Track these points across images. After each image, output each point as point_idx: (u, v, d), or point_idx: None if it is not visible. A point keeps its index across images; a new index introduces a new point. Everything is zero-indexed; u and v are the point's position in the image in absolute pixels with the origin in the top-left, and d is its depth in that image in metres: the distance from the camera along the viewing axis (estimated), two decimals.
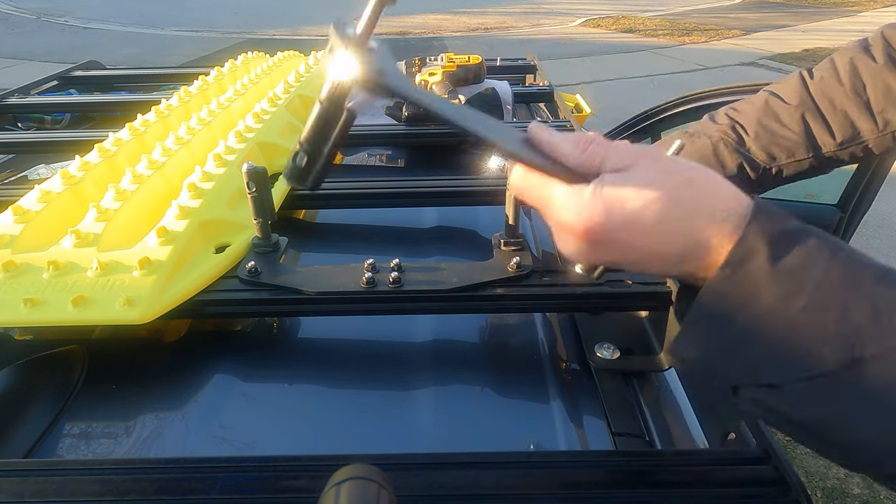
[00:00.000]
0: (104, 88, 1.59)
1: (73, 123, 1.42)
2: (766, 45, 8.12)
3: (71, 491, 0.43)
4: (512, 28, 9.59)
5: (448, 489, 0.43)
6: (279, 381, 0.64)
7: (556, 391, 0.61)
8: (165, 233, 0.65)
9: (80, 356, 0.64)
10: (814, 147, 0.78)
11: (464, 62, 1.29)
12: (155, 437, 0.55)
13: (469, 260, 0.78)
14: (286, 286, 0.63)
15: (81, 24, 9.62)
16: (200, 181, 0.74)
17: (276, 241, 0.69)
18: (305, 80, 1.19)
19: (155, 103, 1.04)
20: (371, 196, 0.88)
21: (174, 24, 9.62)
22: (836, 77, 0.77)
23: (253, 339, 0.69)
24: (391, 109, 1.17)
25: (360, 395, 0.62)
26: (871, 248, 3.28)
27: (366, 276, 0.63)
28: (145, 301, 0.58)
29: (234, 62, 1.36)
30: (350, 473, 0.33)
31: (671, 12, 11.04)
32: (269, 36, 8.68)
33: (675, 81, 6.51)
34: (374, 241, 0.90)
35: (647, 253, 0.40)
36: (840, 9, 10.94)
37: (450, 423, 0.58)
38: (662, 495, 0.44)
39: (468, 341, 0.69)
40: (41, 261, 0.62)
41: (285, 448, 0.55)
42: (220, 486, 0.44)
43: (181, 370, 0.64)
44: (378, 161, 1.17)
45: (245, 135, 0.89)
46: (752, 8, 11.33)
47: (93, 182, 0.78)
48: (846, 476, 1.88)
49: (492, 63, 1.53)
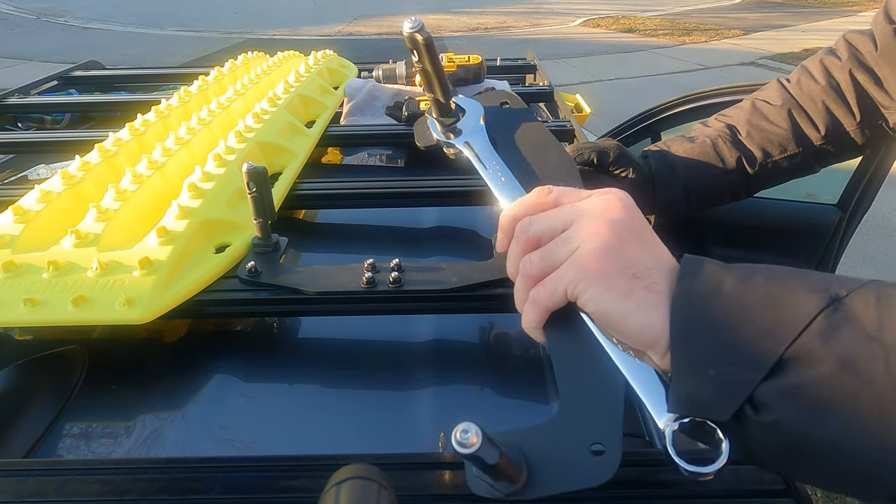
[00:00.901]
0: (104, 88, 1.59)
1: (73, 123, 1.42)
2: (766, 45, 8.12)
3: (71, 491, 0.43)
4: (511, 28, 9.59)
5: (448, 489, 0.43)
6: (279, 381, 0.64)
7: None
8: (165, 233, 0.65)
9: (80, 356, 0.64)
10: (803, 141, 0.82)
11: (464, 62, 1.29)
12: (155, 437, 0.55)
13: (469, 260, 0.78)
14: (286, 286, 0.63)
15: (81, 24, 9.62)
16: (200, 181, 0.74)
17: (276, 241, 0.69)
18: (305, 80, 1.19)
19: (155, 103, 1.04)
20: (371, 196, 0.88)
21: (174, 24, 9.62)
22: (811, 77, 0.83)
23: (253, 339, 0.69)
24: (391, 109, 1.17)
25: (360, 395, 0.62)
26: (871, 248, 3.27)
27: (366, 275, 0.63)
28: (145, 301, 0.58)
29: (234, 62, 1.36)
30: (350, 473, 0.33)
31: (671, 12, 11.04)
32: (269, 36, 8.68)
33: (675, 81, 6.51)
34: (374, 241, 0.90)
35: (637, 249, 0.42)
36: (840, 9, 10.94)
37: (450, 423, 0.58)
38: (662, 495, 0.44)
39: (468, 341, 0.69)
40: (41, 261, 0.62)
41: (285, 448, 0.55)
42: (220, 486, 0.44)
43: (181, 370, 0.64)
44: (378, 161, 1.17)
45: (245, 135, 0.89)
46: (752, 8, 11.34)
47: (93, 182, 0.78)
48: None
49: (492, 63, 1.53)
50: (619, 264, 0.41)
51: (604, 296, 0.41)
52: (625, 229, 0.43)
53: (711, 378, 0.36)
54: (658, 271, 0.41)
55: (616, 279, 0.41)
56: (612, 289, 0.41)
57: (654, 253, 0.43)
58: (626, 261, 0.41)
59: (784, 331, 0.35)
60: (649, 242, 0.44)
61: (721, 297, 0.38)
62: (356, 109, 1.26)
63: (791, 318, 0.35)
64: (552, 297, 0.43)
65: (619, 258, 0.41)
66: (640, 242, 0.43)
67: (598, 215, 0.43)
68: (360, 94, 1.28)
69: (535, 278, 0.45)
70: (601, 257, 0.41)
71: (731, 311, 0.37)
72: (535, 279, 0.45)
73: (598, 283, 0.41)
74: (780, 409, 0.34)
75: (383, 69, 1.33)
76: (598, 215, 0.43)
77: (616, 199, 0.45)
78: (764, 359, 0.35)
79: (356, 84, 1.31)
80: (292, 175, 0.88)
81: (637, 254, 0.42)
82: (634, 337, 0.41)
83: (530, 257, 0.45)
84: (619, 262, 0.41)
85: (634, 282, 0.40)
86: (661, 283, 0.40)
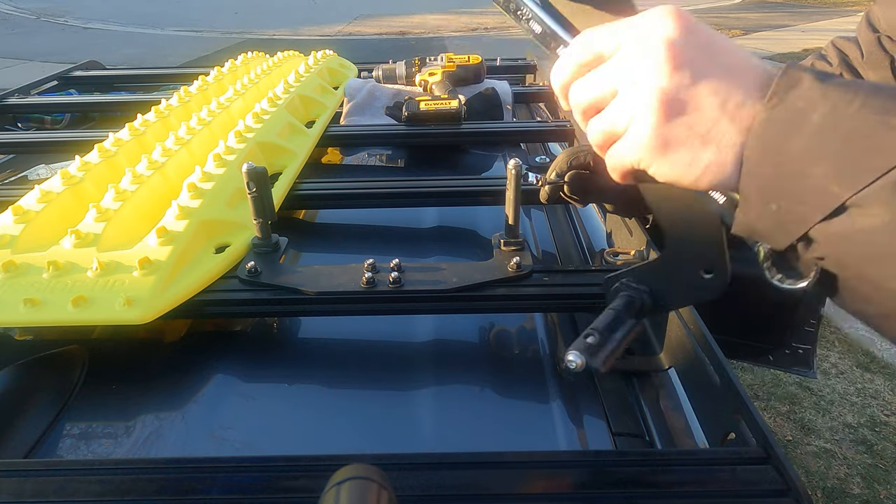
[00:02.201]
0: (104, 88, 1.59)
1: (73, 123, 1.42)
2: (766, 45, 8.11)
3: (71, 491, 0.43)
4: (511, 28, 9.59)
5: (448, 489, 0.43)
6: (279, 381, 0.64)
7: (556, 391, 0.61)
8: (165, 233, 0.65)
9: (80, 356, 0.64)
10: None
11: (464, 62, 1.29)
12: (155, 437, 0.55)
13: (469, 260, 0.78)
14: (286, 286, 0.63)
15: (81, 24, 9.62)
16: (200, 181, 0.74)
17: (276, 241, 0.69)
18: (305, 80, 1.19)
19: (155, 103, 1.04)
20: (371, 196, 0.88)
21: (174, 24, 9.62)
22: None
23: (253, 339, 0.69)
24: (391, 109, 1.17)
25: (360, 395, 0.62)
26: None
27: (366, 276, 0.63)
28: (145, 301, 0.58)
29: (234, 62, 1.36)
30: (350, 473, 0.33)
31: None
32: (269, 36, 8.68)
33: None
34: (374, 241, 0.90)
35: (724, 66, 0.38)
36: (840, 9, 10.93)
37: (450, 423, 0.58)
38: (662, 495, 0.44)
39: (468, 341, 0.69)
40: (41, 261, 0.62)
41: (285, 448, 0.55)
42: (220, 486, 0.44)
43: (181, 370, 0.64)
44: (378, 161, 1.17)
45: (245, 135, 0.89)
46: (752, 8, 11.33)
47: (93, 182, 0.78)
48: (846, 476, 1.88)
49: (492, 63, 1.53)
50: (682, 130, 0.38)
51: (670, 170, 0.39)
52: (683, 65, 0.38)
53: (772, 213, 0.36)
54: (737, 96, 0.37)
55: (682, 150, 0.38)
56: (676, 162, 0.39)
57: (728, 78, 0.38)
58: (691, 121, 0.38)
59: (855, 174, 0.34)
60: (718, 66, 0.38)
61: (805, 125, 0.35)
62: (356, 109, 1.26)
63: (867, 163, 0.33)
64: (622, 169, 0.42)
65: (679, 124, 0.38)
66: (706, 77, 0.38)
67: (647, 69, 0.39)
68: (360, 94, 1.28)
69: (604, 146, 0.43)
70: (658, 131, 0.38)
71: (811, 145, 0.35)
72: (604, 146, 0.43)
73: (661, 158, 0.39)
74: (828, 249, 0.36)
75: (383, 69, 1.33)
76: (646, 69, 0.39)
77: (661, 26, 0.39)
78: (827, 201, 0.34)
79: (356, 84, 1.31)
80: (292, 175, 0.88)
81: (704, 97, 0.38)
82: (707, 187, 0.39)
83: (591, 127, 0.43)
84: (681, 128, 0.38)
85: (704, 146, 0.38)
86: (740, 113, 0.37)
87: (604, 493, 0.44)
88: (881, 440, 2.00)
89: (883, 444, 1.98)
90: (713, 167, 0.38)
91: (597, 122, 0.43)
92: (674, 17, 0.39)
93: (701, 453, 0.54)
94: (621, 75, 0.40)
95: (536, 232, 0.90)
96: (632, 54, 0.40)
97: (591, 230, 0.91)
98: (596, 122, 0.43)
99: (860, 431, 2.03)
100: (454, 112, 1.08)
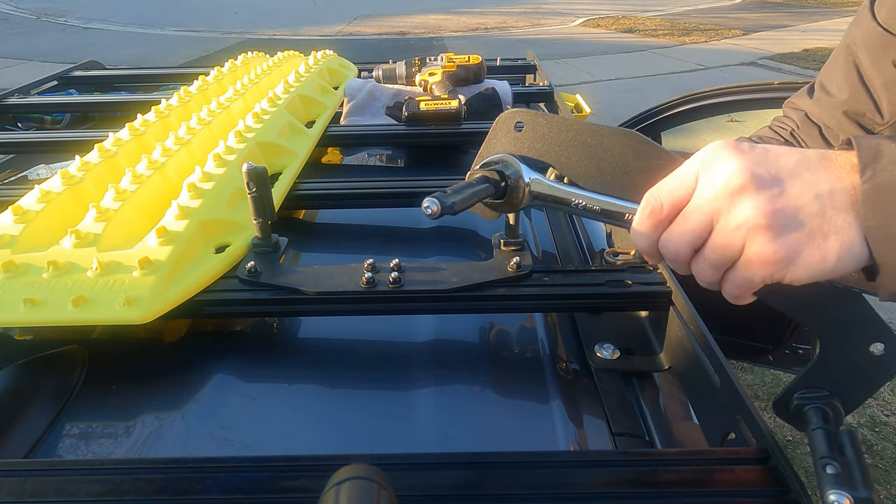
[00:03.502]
0: (104, 88, 1.59)
1: (73, 123, 1.42)
2: (766, 45, 8.11)
3: (71, 491, 0.43)
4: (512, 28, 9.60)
5: (448, 489, 0.43)
6: (279, 381, 0.64)
7: (556, 391, 0.61)
8: (165, 233, 0.65)
9: (80, 356, 0.64)
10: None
11: (464, 62, 1.29)
12: (155, 437, 0.55)
13: (469, 260, 0.78)
14: (286, 286, 0.63)
15: (81, 25, 9.62)
16: (200, 181, 0.74)
17: (276, 241, 0.69)
18: (305, 80, 1.19)
19: (155, 103, 1.04)
20: (371, 196, 0.88)
21: (174, 24, 9.62)
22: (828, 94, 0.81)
23: (253, 339, 0.69)
24: (391, 109, 1.17)
25: (360, 395, 0.62)
26: None
27: (366, 276, 0.63)
28: (145, 301, 0.58)
29: (234, 62, 1.36)
30: (350, 473, 0.33)
31: (671, 12, 11.04)
32: (269, 36, 8.68)
33: (675, 81, 6.51)
34: (374, 241, 0.90)
35: (789, 168, 0.40)
36: (840, 9, 10.93)
37: (450, 423, 0.58)
38: (662, 495, 0.44)
39: (468, 341, 0.69)
40: (41, 261, 0.62)
41: (285, 448, 0.55)
42: (220, 486, 0.44)
43: (181, 370, 0.64)
44: (378, 161, 1.17)
45: (245, 135, 0.89)
46: (752, 8, 11.33)
47: (93, 182, 0.78)
48: None
49: (492, 63, 1.53)
50: (799, 233, 0.39)
51: (807, 272, 0.40)
52: (762, 179, 0.40)
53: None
54: (821, 184, 0.39)
55: (808, 249, 0.39)
56: (810, 262, 0.39)
57: (800, 174, 0.40)
58: (801, 221, 0.39)
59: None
60: (785, 169, 0.40)
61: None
62: (356, 109, 1.26)
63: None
64: (751, 289, 0.43)
65: (793, 228, 0.39)
66: (786, 180, 0.40)
67: (727, 197, 0.40)
68: (360, 94, 1.28)
69: (717, 278, 0.44)
70: (781, 243, 0.39)
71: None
72: (718, 278, 0.44)
73: (793, 265, 0.40)
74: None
75: (383, 69, 1.33)
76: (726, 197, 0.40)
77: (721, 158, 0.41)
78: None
79: (356, 84, 1.31)
80: (292, 175, 0.88)
81: (798, 197, 0.39)
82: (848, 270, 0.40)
83: (699, 267, 0.44)
84: (796, 231, 0.39)
85: (825, 237, 0.39)
86: (835, 198, 0.39)
87: (604, 492, 0.44)
88: (881, 440, 2.00)
89: (883, 444, 1.98)
90: (844, 251, 0.39)
91: (703, 262, 0.44)
92: (725, 144, 0.41)
93: (701, 453, 0.54)
94: (711, 208, 0.41)
95: (536, 232, 0.90)
96: (711, 186, 0.41)
97: (591, 230, 0.91)
98: (702, 262, 0.44)
99: (860, 431, 2.03)
100: (454, 112, 1.08)
